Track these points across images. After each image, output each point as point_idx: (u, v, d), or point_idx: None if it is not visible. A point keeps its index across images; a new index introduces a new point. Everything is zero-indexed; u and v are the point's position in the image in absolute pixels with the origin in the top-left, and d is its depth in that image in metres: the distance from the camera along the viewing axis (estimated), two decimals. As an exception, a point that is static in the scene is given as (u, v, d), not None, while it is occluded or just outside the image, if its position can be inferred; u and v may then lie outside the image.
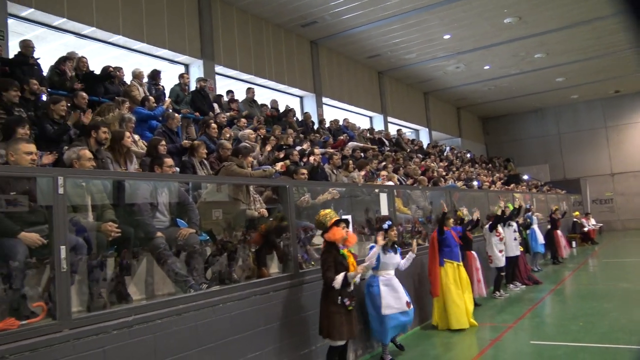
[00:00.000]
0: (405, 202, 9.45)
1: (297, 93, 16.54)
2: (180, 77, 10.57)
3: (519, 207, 12.06)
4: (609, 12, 14.57)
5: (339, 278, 4.80)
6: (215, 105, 10.90)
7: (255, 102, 12.61)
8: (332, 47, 17.42)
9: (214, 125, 8.43)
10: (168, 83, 10.50)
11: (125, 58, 11.59)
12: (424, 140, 22.25)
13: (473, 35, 17.19)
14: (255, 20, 14.41)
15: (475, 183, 15.93)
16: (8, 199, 3.53)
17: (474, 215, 9.28)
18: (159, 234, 4.52)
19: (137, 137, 7.02)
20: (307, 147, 10.25)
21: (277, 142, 9.85)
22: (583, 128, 27.54)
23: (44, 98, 6.91)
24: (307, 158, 9.31)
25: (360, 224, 7.76)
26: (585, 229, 20.04)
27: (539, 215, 14.62)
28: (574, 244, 18.71)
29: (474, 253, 8.96)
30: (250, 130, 9.41)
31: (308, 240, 6.39)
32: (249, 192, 5.90)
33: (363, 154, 12.78)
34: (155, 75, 10.03)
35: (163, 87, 10.15)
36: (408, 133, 22.78)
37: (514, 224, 10.51)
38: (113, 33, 10.71)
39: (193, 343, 4.09)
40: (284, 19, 14.83)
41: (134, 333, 3.68)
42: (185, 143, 7.31)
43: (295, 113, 13.94)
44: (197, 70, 12.49)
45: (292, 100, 16.08)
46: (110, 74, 8.89)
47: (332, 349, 5.02)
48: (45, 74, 8.08)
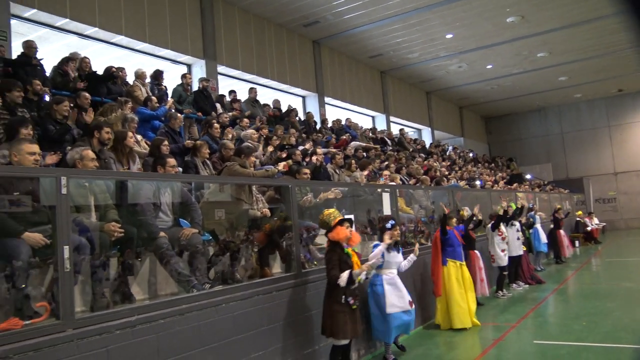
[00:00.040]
0: (408, 201, 9.44)
1: (299, 93, 16.55)
2: (183, 77, 10.60)
3: (522, 206, 12.03)
4: (612, 11, 14.52)
5: (344, 276, 4.81)
6: (218, 105, 10.92)
7: (258, 102, 12.62)
8: (334, 46, 17.42)
9: (217, 125, 8.44)
10: (170, 83, 10.51)
11: (128, 58, 11.63)
12: (427, 140, 22.24)
13: (475, 35, 17.18)
14: (258, 20, 14.42)
15: (478, 182, 15.92)
16: (11, 199, 3.54)
17: (474, 210, 9.23)
18: (162, 234, 4.53)
19: (139, 137, 7.03)
20: (309, 146, 10.25)
21: (279, 142, 9.86)
22: (586, 127, 27.45)
23: (47, 98, 6.92)
24: (309, 158, 9.31)
25: (363, 224, 7.75)
26: (588, 229, 19.97)
27: (542, 215, 14.58)
28: (577, 244, 18.67)
29: (477, 252, 8.93)
30: (253, 130, 9.42)
31: (310, 240, 6.39)
32: (252, 192, 5.90)
33: (365, 154, 12.77)
34: (158, 76, 10.05)
35: (165, 87, 10.16)
36: (410, 132, 22.75)
37: (517, 224, 10.50)
38: (115, 33, 10.75)
39: (196, 343, 4.10)
40: (286, 19, 14.84)
41: (137, 333, 3.69)
42: (188, 143, 7.32)
43: (298, 113, 13.96)
44: (199, 70, 12.51)
45: (294, 100, 16.08)
46: (113, 74, 8.91)
47: (335, 349, 5.02)
48: (48, 75, 8.11)
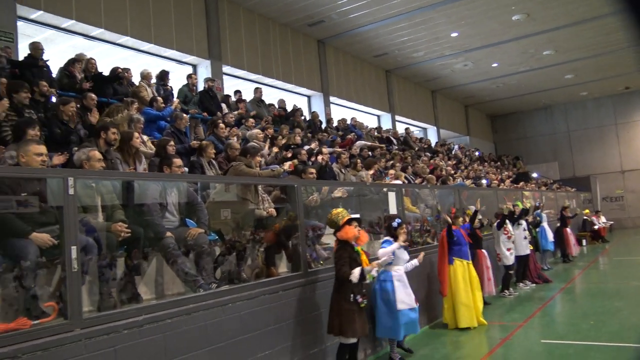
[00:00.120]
0: (414, 200, 9.42)
1: (304, 92, 16.55)
2: (188, 77, 10.62)
3: (529, 207, 11.95)
4: (616, 8, 14.44)
5: (357, 272, 4.86)
6: (223, 105, 10.94)
7: (263, 101, 12.63)
8: (339, 46, 17.41)
9: (222, 125, 8.46)
10: (176, 84, 10.54)
11: (134, 59, 11.67)
12: (432, 139, 22.19)
13: (480, 33, 17.11)
14: (262, 20, 14.43)
15: (484, 181, 15.86)
16: (19, 200, 3.56)
17: (477, 205, 9.12)
18: (169, 234, 4.54)
19: (145, 137, 7.05)
20: (315, 146, 10.25)
21: (285, 141, 9.86)
22: (593, 125, 27.29)
23: (54, 100, 6.96)
24: (315, 157, 9.31)
25: (369, 223, 7.74)
26: (596, 227, 19.85)
27: (549, 212, 14.50)
28: (584, 242, 18.57)
29: (484, 251, 8.91)
30: (258, 130, 9.43)
31: (316, 239, 6.39)
32: (258, 191, 5.91)
33: (371, 153, 12.76)
34: (164, 76, 10.08)
35: (171, 87, 10.19)
36: (416, 131, 22.72)
37: (524, 223, 10.46)
38: (121, 34, 10.79)
39: (203, 342, 4.11)
40: (291, 19, 14.84)
41: (144, 332, 3.70)
42: (194, 143, 7.34)
43: (303, 112, 13.96)
44: (204, 71, 12.54)
45: (299, 100, 16.09)
46: (119, 75, 8.96)
47: (342, 347, 5.02)
48: (55, 76, 8.15)
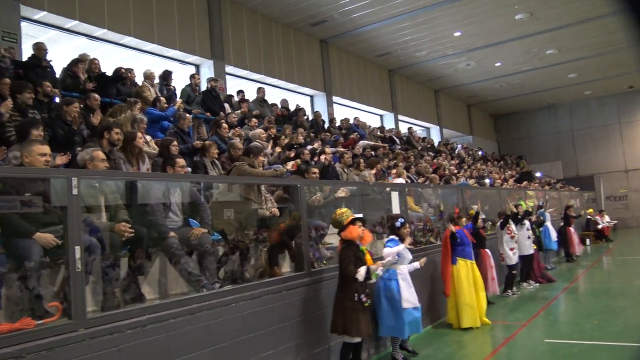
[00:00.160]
0: (417, 200, 9.42)
1: (307, 92, 16.54)
2: (191, 77, 10.64)
3: (532, 207, 11.93)
4: (619, 7, 14.39)
5: (362, 270, 4.88)
6: (226, 105, 10.94)
7: (266, 101, 12.63)
8: (342, 45, 17.39)
9: (225, 125, 8.46)
10: (179, 84, 10.55)
11: (137, 59, 11.69)
12: (435, 138, 22.15)
13: (483, 32, 17.07)
14: (265, 20, 14.44)
15: (487, 181, 15.83)
16: (23, 200, 3.57)
17: (477, 206, 9.12)
18: (172, 234, 4.54)
19: (149, 137, 7.06)
20: (317, 146, 10.24)
21: (287, 141, 9.85)
22: (596, 124, 27.18)
23: (57, 100, 6.98)
24: (318, 157, 9.31)
25: (372, 223, 7.74)
26: (599, 226, 19.80)
27: (553, 211, 14.47)
28: (588, 242, 18.51)
29: (488, 251, 8.91)
30: (261, 130, 9.43)
31: (319, 239, 6.40)
32: (261, 191, 5.91)
33: (374, 153, 12.75)
34: (167, 76, 10.08)
35: (174, 87, 10.20)
36: (419, 131, 22.68)
37: (527, 223, 10.45)
38: (124, 35, 10.81)
39: (206, 342, 4.11)
40: (294, 19, 14.84)
41: (148, 332, 3.71)
42: (197, 143, 7.34)
43: (306, 112, 13.95)
44: (207, 71, 12.55)
45: (302, 100, 16.08)
46: (122, 75, 8.97)
47: (346, 346, 5.01)
48: (58, 76, 8.17)
